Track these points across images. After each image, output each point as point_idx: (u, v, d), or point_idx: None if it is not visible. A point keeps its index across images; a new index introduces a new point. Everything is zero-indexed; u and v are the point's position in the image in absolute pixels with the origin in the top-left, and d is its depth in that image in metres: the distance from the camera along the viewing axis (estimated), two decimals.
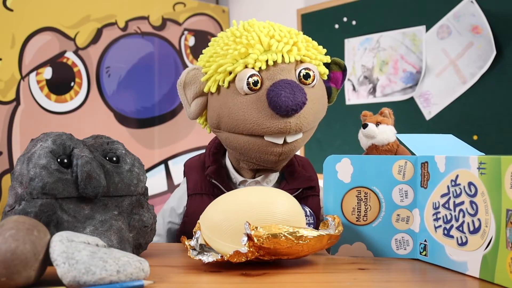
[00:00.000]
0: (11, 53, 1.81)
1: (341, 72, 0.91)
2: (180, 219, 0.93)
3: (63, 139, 0.64)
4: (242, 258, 0.59)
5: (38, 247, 0.50)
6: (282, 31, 0.85)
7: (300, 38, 0.86)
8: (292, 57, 0.83)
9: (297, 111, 0.79)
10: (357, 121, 0.99)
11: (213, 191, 0.89)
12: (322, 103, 0.88)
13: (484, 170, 0.57)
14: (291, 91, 0.78)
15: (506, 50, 1.64)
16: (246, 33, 0.83)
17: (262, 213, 0.62)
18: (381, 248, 0.69)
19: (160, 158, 2.25)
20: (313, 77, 0.84)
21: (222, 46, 0.84)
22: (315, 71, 0.85)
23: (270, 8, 2.42)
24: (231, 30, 0.87)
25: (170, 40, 2.30)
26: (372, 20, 2.00)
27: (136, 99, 2.19)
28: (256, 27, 0.85)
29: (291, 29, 0.87)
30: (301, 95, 0.78)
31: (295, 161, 0.95)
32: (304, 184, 0.91)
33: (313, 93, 0.84)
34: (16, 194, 0.62)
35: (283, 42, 0.83)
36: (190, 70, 0.88)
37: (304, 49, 0.85)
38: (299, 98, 0.78)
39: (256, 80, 0.81)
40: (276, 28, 0.86)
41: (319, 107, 0.87)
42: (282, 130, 0.81)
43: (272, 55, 0.81)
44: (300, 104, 0.78)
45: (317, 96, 0.86)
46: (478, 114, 1.72)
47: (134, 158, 0.69)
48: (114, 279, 0.50)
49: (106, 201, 0.65)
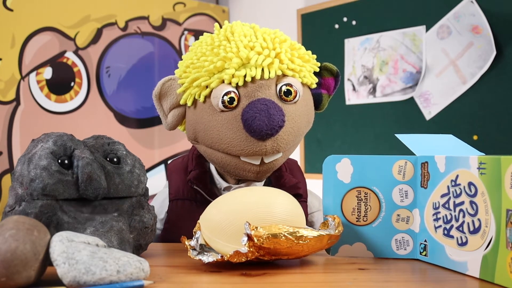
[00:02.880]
0: (11, 53, 1.81)
1: (333, 78, 0.86)
2: (162, 224, 0.89)
3: (64, 140, 0.64)
4: (242, 258, 0.59)
5: (38, 247, 0.50)
6: (265, 40, 0.78)
7: (285, 47, 0.79)
8: (272, 72, 0.76)
9: (273, 135, 0.74)
10: (357, 121, 0.98)
11: (196, 197, 0.85)
12: (306, 117, 0.82)
13: (484, 170, 0.57)
14: (267, 113, 0.73)
15: (506, 50, 1.64)
16: (225, 43, 0.77)
17: (262, 213, 0.62)
18: (381, 248, 0.69)
19: (160, 158, 2.25)
20: (294, 94, 0.78)
21: (199, 56, 0.79)
22: (297, 85, 0.79)
23: (270, 8, 2.42)
24: (211, 36, 0.81)
25: (170, 40, 2.30)
26: (372, 20, 2.01)
27: (136, 99, 2.19)
28: (236, 35, 0.78)
29: (276, 36, 0.80)
30: (278, 117, 0.74)
31: (282, 165, 0.90)
32: (290, 191, 0.85)
33: (294, 110, 0.79)
34: (17, 194, 0.62)
35: (264, 55, 0.76)
36: (165, 81, 0.83)
37: (288, 60, 0.78)
38: (274, 122, 0.73)
39: (232, 98, 0.76)
40: (259, 36, 0.79)
41: (302, 123, 0.81)
42: (257, 153, 0.77)
43: (251, 70, 0.75)
44: (276, 128, 0.73)
45: (299, 112, 0.80)
46: (478, 114, 1.72)
47: (135, 159, 0.69)
48: (114, 279, 0.50)
49: (107, 202, 0.65)
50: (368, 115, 2.02)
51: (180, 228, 0.79)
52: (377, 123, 2.00)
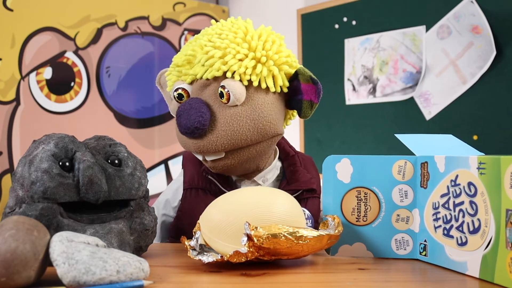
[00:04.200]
0: (11, 53, 1.81)
1: (311, 84, 0.82)
2: (175, 212, 0.91)
3: (65, 142, 0.64)
4: (242, 258, 0.59)
5: (38, 247, 0.50)
6: (222, 41, 0.78)
7: (236, 50, 0.77)
8: (211, 74, 0.77)
9: (193, 134, 0.77)
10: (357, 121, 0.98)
11: (210, 186, 0.87)
12: (252, 122, 0.79)
13: (484, 170, 0.57)
14: (187, 113, 0.77)
15: (506, 50, 1.64)
16: (192, 43, 0.83)
17: (262, 213, 0.62)
18: (381, 248, 0.69)
19: (160, 158, 2.25)
20: (226, 96, 0.77)
21: (181, 50, 0.85)
22: (233, 88, 0.77)
23: (270, 8, 2.42)
24: (195, 37, 0.86)
25: (170, 40, 2.30)
26: (372, 20, 2.00)
27: (136, 99, 2.19)
28: (203, 34, 0.82)
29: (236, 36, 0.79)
30: (195, 118, 0.76)
31: (297, 159, 0.92)
32: (304, 186, 0.88)
33: (231, 113, 0.78)
34: (17, 196, 0.62)
35: (208, 55, 0.78)
36: (163, 72, 0.91)
37: (234, 61, 0.76)
38: (190, 122, 0.76)
39: (180, 94, 0.81)
40: (215, 36, 0.79)
41: (242, 128, 0.78)
42: (189, 149, 0.83)
43: (195, 69, 0.79)
44: (191, 128, 0.76)
45: (238, 116, 0.78)
46: (478, 114, 1.72)
47: (136, 161, 0.69)
48: (114, 279, 0.50)
49: (107, 204, 0.65)
50: (368, 115, 2.02)
51: (193, 217, 0.79)
52: (377, 123, 2.00)
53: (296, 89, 0.83)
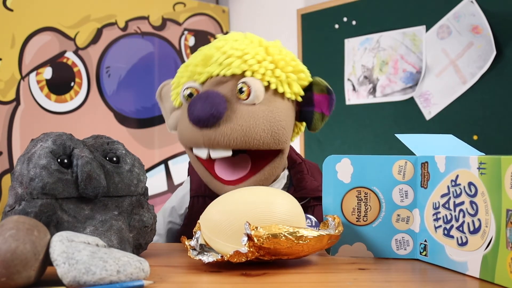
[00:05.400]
0: (11, 53, 1.81)
1: (325, 95, 0.82)
2: (181, 219, 0.90)
3: (63, 139, 0.64)
4: (242, 258, 0.59)
5: (38, 247, 0.50)
6: (240, 43, 0.78)
7: (255, 51, 0.78)
8: (230, 71, 0.77)
9: (208, 122, 0.74)
10: (357, 121, 0.98)
11: (217, 194, 0.85)
12: (267, 123, 0.77)
13: (484, 170, 0.57)
14: (204, 100, 0.74)
15: (506, 50, 1.64)
16: (202, 49, 0.82)
17: (262, 213, 0.62)
18: (381, 248, 0.69)
19: (160, 158, 2.25)
20: (247, 92, 0.76)
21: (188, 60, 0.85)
22: (255, 86, 0.76)
23: (270, 8, 2.42)
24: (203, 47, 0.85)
25: (170, 40, 2.30)
26: (372, 20, 2.01)
27: (136, 99, 2.19)
28: (217, 41, 0.82)
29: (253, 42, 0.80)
30: (214, 106, 0.73)
31: (304, 167, 0.91)
32: (312, 193, 0.87)
33: (248, 110, 0.77)
34: (16, 194, 0.62)
35: (226, 54, 0.77)
36: (164, 85, 0.90)
37: (254, 61, 0.77)
38: (207, 109, 0.73)
39: (190, 93, 0.80)
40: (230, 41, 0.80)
41: (256, 126, 0.76)
42: (199, 142, 0.77)
43: (211, 67, 0.78)
44: (207, 114, 0.73)
45: (254, 114, 0.77)
46: (478, 114, 1.72)
47: (134, 158, 0.69)
48: (114, 279, 0.50)
49: (106, 201, 0.65)
50: (368, 115, 2.02)
51: None
52: (377, 123, 2.00)
53: (308, 99, 0.83)
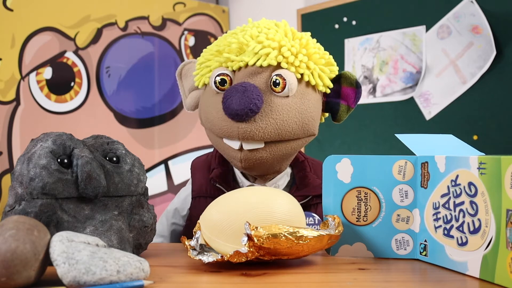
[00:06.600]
0: (11, 53, 1.81)
1: (353, 88, 0.84)
2: (184, 220, 0.91)
3: (63, 139, 0.64)
4: (242, 258, 0.59)
5: (38, 247, 0.50)
6: (272, 32, 0.78)
7: (293, 42, 0.79)
8: (266, 61, 0.77)
9: (244, 116, 0.74)
10: (357, 121, 0.98)
11: (218, 195, 0.85)
12: (299, 116, 0.80)
13: (484, 170, 0.57)
14: (241, 94, 0.74)
15: (506, 50, 1.64)
16: (237, 31, 0.81)
17: (262, 213, 0.62)
18: (381, 249, 0.69)
19: (160, 158, 2.25)
20: (283, 85, 0.77)
21: (217, 42, 0.84)
22: (290, 79, 0.78)
23: (270, 8, 2.42)
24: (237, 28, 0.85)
25: (170, 40, 2.30)
26: (372, 20, 2.00)
27: (136, 99, 2.19)
28: (253, 26, 0.81)
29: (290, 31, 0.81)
30: (251, 100, 0.73)
31: (307, 165, 0.91)
32: (314, 191, 0.87)
33: (282, 103, 0.78)
34: (16, 194, 0.62)
35: (263, 45, 0.77)
36: (186, 63, 0.89)
37: (290, 54, 0.77)
38: (245, 103, 0.73)
39: (222, 80, 0.79)
40: (272, 29, 0.80)
41: (290, 119, 0.79)
42: (233, 134, 0.78)
43: (246, 56, 0.78)
44: (245, 108, 0.73)
45: (288, 107, 0.78)
46: (478, 114, 1.72)
47: (134, 158, 0.69)
48: (114, 279, 0.50)
49: (106, 201, 0.65)
50: (368, 115, 2.02)
51: None
52: (377, 123, 2.00)
53: (336, 92, 0.84)
